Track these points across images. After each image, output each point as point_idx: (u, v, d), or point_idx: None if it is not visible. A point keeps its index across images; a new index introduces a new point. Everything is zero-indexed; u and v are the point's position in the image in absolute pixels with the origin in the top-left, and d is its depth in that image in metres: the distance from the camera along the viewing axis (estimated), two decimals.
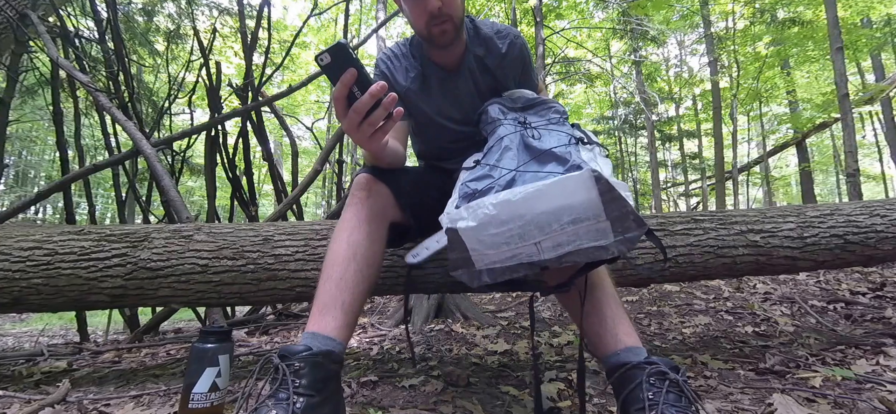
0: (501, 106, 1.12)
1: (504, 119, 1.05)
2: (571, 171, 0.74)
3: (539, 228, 0.73)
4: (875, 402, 0.98)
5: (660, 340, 1.72)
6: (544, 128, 0.99)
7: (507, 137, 0.96)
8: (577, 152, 0.84)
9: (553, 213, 0.71)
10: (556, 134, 0.95)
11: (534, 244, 0.74)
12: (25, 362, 1.73)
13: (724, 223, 1.43)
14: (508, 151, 0.91)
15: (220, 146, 2.96)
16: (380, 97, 0.76)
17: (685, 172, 12.29)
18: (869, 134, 12.49)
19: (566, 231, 0.72)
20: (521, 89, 1.18)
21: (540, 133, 0.96)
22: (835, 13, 4.44)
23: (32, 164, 15.38)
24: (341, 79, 0.74)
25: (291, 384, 0.73)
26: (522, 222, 0.73)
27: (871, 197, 7.40)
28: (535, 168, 0.82)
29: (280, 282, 1.28)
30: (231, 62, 8.33)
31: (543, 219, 0.72)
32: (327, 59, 0.74)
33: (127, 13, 4.08)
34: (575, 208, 0.71)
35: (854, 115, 4.88)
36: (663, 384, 0.74)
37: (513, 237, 0.74)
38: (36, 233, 1.31)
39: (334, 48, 0.74)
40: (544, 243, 0.73)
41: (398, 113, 0.79)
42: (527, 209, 0.72)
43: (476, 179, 0.86)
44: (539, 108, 1.10)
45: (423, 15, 1.03)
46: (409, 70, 1.19)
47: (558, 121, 1.03)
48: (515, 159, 0.88)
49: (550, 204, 0.71)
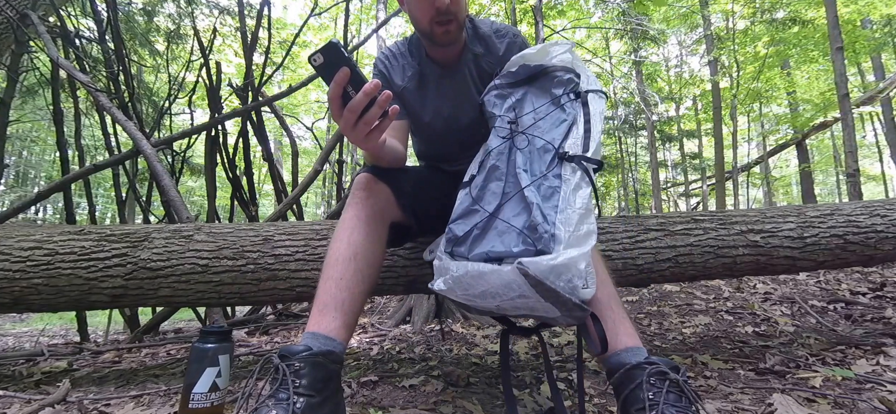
0: (499, 91, 1.08)
1: (498, 115, 1.04)
2: (502, 266, 0.79)
3: (493, 296, 0.80)
4: (875, 402, 0.98)
5: (660, 340, 1.72)
6: (541, 120, 0.98)
7: (495, 153, 0.98)
8: (551, 186, 0.86)
9: (499, 291, 0.79)
10: (549, 129, 0.95)
11: (495, 305, 0.82)
12: (26, 362, 1.73)
13: (724, 223, 1.43)
14: (494, 178, 0.95)
15: (221, 146, 2.96)
16: (374, 95, 0.75)
17: (685, 172, 12.29)
18: (869, 134, 12.49)
19: (516, 302, 0.79)
20: (525, 51, 1.11)
21: (529, 138, 0.96)
22: (835, 13, 4.44)
23: (32, 164, 15.38)
24: (335, 78, 0.74)
25: (291, 384, 0.73)
26: (479, 290, 0.82)
27: (871, 197, 7.40)
28: (506, 216, 0.87)
29: (280, 282, 1.28)
30: (231, 62, 8.33)
31: (493, 291, 0.80)
32: (320, 60, 0.74)
33: (127, 13, 4.08)
34: (515, 290, 0.77)
35: (854, 116, 4.87)
36: (664, 384, 0.74)
37: (476, 297, 0.83)
38: (36, 233, 1.31)
39: (326, 48, 0.73)
40: (503, 305, 0.81)
41: (394, 111, 0.80)
42: (478, 284, 0.81)
43: (462, 219, 0.93)
44: (542, 80, 1.06)
45: (429, 10, 1.03)
46: (407, 69, 1.19)
47: (558, 101, 1.01)
48: (497, 194, 0.92)
49: (493, 284, 0.79)
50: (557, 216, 0.82)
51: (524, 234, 0.82)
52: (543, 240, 0.79)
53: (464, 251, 0.88)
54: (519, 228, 0.83)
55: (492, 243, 0.85)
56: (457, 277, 0.85)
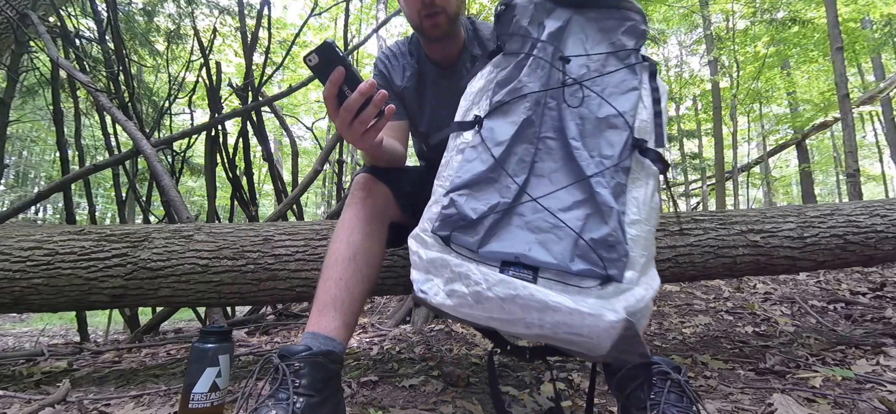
0: (539, 2, 0.76)
1: (533, 36, 0.74)
2: (579, 300, 0.55)
3: (525, 326, 0.59)
4: (875, 402, 0.98)
5: (660, 340, 1.72)
6: (601, 77, 0.69)
7: (530, 100, 0.67)
8: (620, 182, 0.62)
9: (549, 324, 0.57)
10: (615, 94, 0.68)
11: (508, 328, 0.62)
12: (26, 362, 1.73)
13: (724, 223, 1.43)
14: (525, 138, 0.65)
15: (221, 146, 2.96)
16: (370, 95, 0.75)
17: (685, 172, 12.28)
18: (869, 134, 12.48)
19: (555, 336, 0.59)
20: None
21: (585, 96, 0.67)
22: (835, 13, 4.43)
23: (32, 164, 15.37)
24: (330, 78, 0.74)
25: (291, 384, 0.73)
26: (506, 316, 0.59)
27: (871, 197, 7.40)
28: (552, 206, 0.60)
29: (280, 282, 1.28)
30: (231, 62, 8.32)
31: (532, 320, 0.58)
32: (315, 60, 0.73)
33: (127, 13, 4.08)
34: (579, 332, 0.56)
35: (854, 116, 4.87)
36: (665, 384, 0.74)
37: (491, 319, 0.61)
38: (36, 233, 1.31)
39: (321, 48, 0.73)
40: (522, 332, 0.61)
41: (390, 110, 0.79)
42: (514, 312, 0.57)
43: (471, 188, 0.64)
44: (598, 14, 0.74)
45: (415, 4, 1.02)
46: (406, 69, 1.19)
47: (627, 56, 0.71)
48: (526, 163, 0.63)
49: (550, 319, 0.56)
50: (628, 229, 0.61)
51: (588, 246, 0.59)
52: (618, 264, 0.58)
53: (471, 242, 0.63)
54: (576, 232, 0.59)
55: (524, 242, 0.60)
56: (469, 303, 0.59)
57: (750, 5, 7.37)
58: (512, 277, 0.58)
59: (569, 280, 0.59)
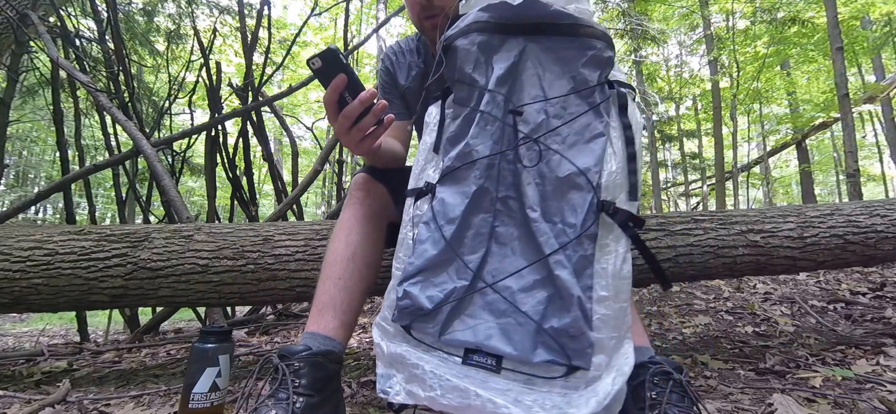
0: (484, 36, 0.63)
1: (481, 84, 0.62)
2: (564, 400, 0.51)
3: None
4: (875, 402, 0.98)
5: (660, 340, 1.72)
6: (560, 123, 0.59)
7: (484, 165, 0.58)
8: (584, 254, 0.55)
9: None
10: (577, 143, 0.59)
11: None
12: (26, 362, 1.73)
13: (724, 223, 1.43)
14: (481, 208, 0.59)
15: (221, 146, 2.96)
16: (369, 104, 0.76)
17: (685, 172, 12.29)
18: (869, 134, 12.48)
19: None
20: None
21: (542, 152, 0.58)
22: (835, 13, 4.44)
23: (32, 164, 15.37)
24: (332, 83, 0.75)
25: (291, 384, 0.73)
26: (466, 405, 0.55)
27: (871, 197, 7.40)
28: (511, 288, 0.55)
29: (280, 282, 1.28)
30: (231, 62, 8.33)
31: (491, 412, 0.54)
32: (318, 64, 0.74)
33: (127, 13, 4.08)
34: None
35: (854, 116, 4.87)
36: (667, 384, 0.74)
37: (454, 407, 0.57)
38: (36, 233, 1.31)
39: (326, 53, 0.74)
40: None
41: (389, 120, 0.80)
42: (474, 404, 0.53)
43: (425, 273, 0.58)
44: (555, 43, 0.62)
45: (414, 6, 1.03)
46: (412, 68, 1.19)
47: (591, 94, 0.60)
48: (484, 238, 0.57)
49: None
50: (595, 308, 0.55)
51: (549, 335, 0.54)
52: (585, 355, 0.53)
53: (432, 330, 0.59)
54: (535, 321, 0.55)
55: (486, 328, 0.56)
56: (427, 393, 0.55)
57: (750, 5, 7.37)
58: (475, 366, 0.55)
59: (533, 370, 0.55)
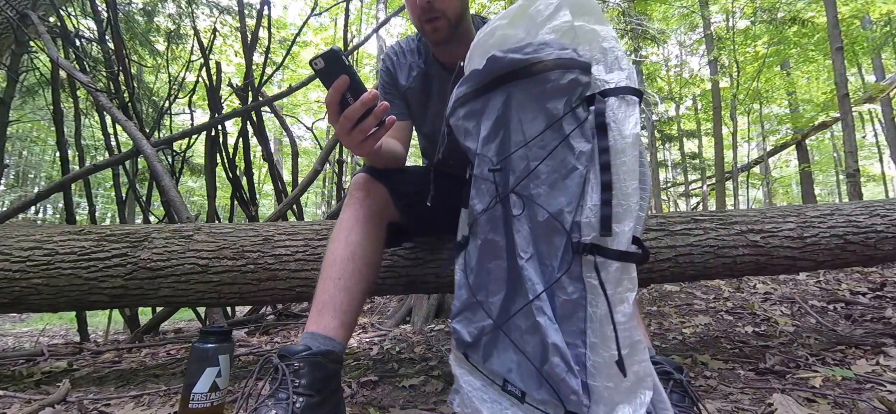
0: (468, 106, 0.73)
1: (475, 151, 0.71)
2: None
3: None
4: (875, 402, 0.98)
5: (660, 340, 1.72)
6: (537, 163, 0.62)
7: (485, 221, 0.66)
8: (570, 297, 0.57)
9: None
10: (553, 183, 0.60)
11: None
12: (26, 362, 1.73)
13: (724, 223, 1.43)
14: (491, 256, 0.67)
15: (221, 146, 2.96)
16: (371, 106, 0.76)
17: (685, 172, 12.28)
18: (869, 134, 12.48)
19: None
20: (492, 24, 0.71)
21: (524, 200, 0.62)
22: (835, 13, 4.43)
23: (32, 164, 15.37)
24: (334, 85, 0.75)
25: (291, 384, 0.73)
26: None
27: (871, 197, 7.40)
28: (519, 326, 0.62)
29: (280, 282, 1.28)
30: (231, 62, 8.33)
31: None
32: (321, 64, 0.74)
33: (127, 13, 4.08)
34: None
35: (854, 116, 4.87)
36: (668, 384, 0.74)
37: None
38: (36, 233, 1.31)
39: (328, 54, 0.74)
40: None
41: (390, 122, 0.80)
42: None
43: (463, 316, 0.73)
44: (527, 83, 0.63)
45: (415, 8, 1.02)
46: (413, 68, 1.18)
47: (559, 127, 0.60)
48: (501, 280, 0.65)
49: None
50: (590, 354, 0.56)
51: (544, 377, 0.58)
52: (572, 402, 0.56)
53: (478, 359, 0.73)
54: (535, 364, 0.59)
55: (508, 363, 0.66)
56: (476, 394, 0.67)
57: (750, 5, 7.37)
58: (508, 394, 0.65)
59: (545, 407, 0.61)
